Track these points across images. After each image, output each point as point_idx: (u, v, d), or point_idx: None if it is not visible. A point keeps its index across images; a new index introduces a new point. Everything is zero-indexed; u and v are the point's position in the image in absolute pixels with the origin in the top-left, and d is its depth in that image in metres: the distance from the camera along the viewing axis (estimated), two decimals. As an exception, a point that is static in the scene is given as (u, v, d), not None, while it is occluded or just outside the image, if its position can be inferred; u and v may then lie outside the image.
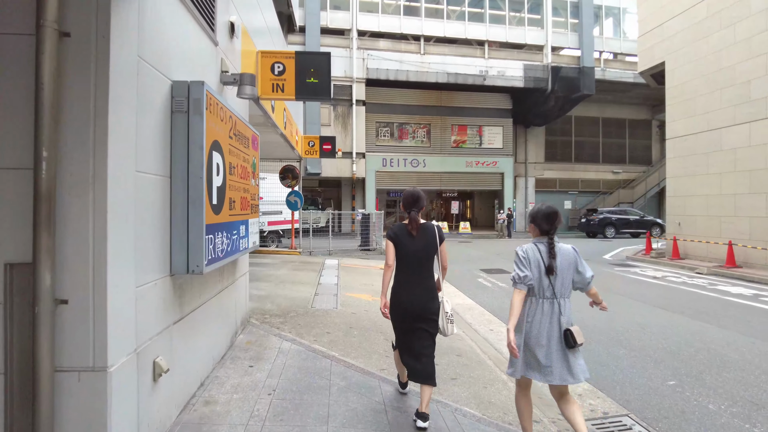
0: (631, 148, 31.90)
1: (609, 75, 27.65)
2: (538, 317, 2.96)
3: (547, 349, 2.92)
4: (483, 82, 25.90)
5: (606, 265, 14.25)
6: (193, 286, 3.64)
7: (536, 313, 2.97)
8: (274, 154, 13.36)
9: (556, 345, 2.92)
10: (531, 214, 3.17)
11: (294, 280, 9.13)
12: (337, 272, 10.59)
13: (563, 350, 2.92)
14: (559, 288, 2.97)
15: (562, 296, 2.97)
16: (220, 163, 3.67)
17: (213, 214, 3.47)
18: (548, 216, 3.05)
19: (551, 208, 3.09)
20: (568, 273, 3.00)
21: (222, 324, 4.59)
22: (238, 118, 4.27)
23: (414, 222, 3.53)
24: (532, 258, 3.00)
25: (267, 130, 9.12)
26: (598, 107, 30.89)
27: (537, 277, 2.97)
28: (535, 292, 2.99)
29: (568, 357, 2.92)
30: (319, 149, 13.74)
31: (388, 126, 26.97)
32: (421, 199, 3.58)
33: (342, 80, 24.70)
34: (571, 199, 30.95)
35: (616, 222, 25.84)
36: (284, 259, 12.49)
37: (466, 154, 27.74)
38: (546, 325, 2.93)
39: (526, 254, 3.02)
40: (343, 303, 7.34)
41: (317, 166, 24.10)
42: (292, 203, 13.92)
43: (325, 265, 11.80)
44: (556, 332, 2.92)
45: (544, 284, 2.96)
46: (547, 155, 30.51)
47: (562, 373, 2.93)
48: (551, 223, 3.05)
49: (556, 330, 2.92)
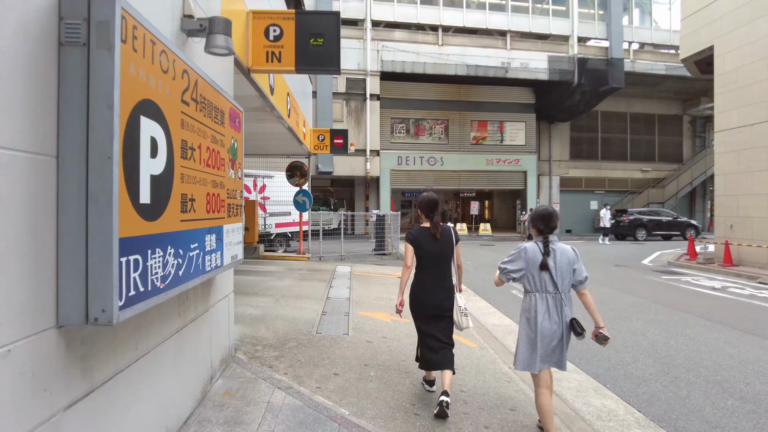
0: (661, 145, 30.09)
1: (639, 67, 25.93)
2: (543, 311, 3.17)
3: (550, 339, 3.16)
4: (505, 74, 24.37)
5: (649, 273, 12.69)
6: (116, 335, 2.28)
7: (540, 308, 3.18)
8: (280, 148, 12.06)
9: (561, 334, 3.16)
10: (530, 216, 3.41)
11: (298, 294, 7.77)
12: (349, 283, 9.23)
13: (564, 340, 3.18)
14: (561, 283, 3.18)
15: (563, 291, 3.19)
16: (161, 139, 2.31)
17: (142, 220, 2.11)
18: (543, 217, 3.24)
19: (547, 210, 3.30)
20: (568, 270, 3.18)
21: (185, 373, 3.24)
22: (201, 78, 2.91)
23: (438, 226, 3.73)
24: (530, 255, 3.20)
25: (266, 117, 7.80)
26: (626, 102, 29.17)
27: (535, 274, 3.20)
28: (536, 288, 3.21)
29: (563, 347, 3.20)
30: (330, 144, 12.40)
31: (403, 122, 25.56)
32: (439, 203, 3.80)
33: (355, 73, 23.35)
34: (598, 199, 29.23)
35: (647, 223, 24.18)
36: (290, 266, 11.15)
37: (486, 152, 26.22)
38: (554, 318, 3.15)
39: (524, 251, 3.23)
40: (356, 326, 5.96)
41: (329, 164, 22.79)
42: (300, 203, 12.60)
43: (336, 273, 10.44)
44: (562, 323, 3.16)
45: (545, 280, 3.18)
46: (572, 152, 28.84)
47: (557, 361, 3.21)
48: (546, 224, 3.23)
49: (562, 321, 3.16)
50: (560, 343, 3.19)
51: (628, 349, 5.77)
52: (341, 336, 5.48)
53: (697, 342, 6.06)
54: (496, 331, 6.34)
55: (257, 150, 12.45)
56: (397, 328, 5.95)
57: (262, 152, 12.93)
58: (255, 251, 12.18)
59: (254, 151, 12.75)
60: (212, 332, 3.87)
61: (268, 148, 11.93)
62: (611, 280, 11.05)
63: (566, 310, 3.20)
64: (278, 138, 10.14)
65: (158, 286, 2.27)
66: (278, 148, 11.89)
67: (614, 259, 15.54)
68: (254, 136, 9.89)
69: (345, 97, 23.35)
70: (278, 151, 12.51)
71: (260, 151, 12.64)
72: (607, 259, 15.45)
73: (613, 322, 6.98)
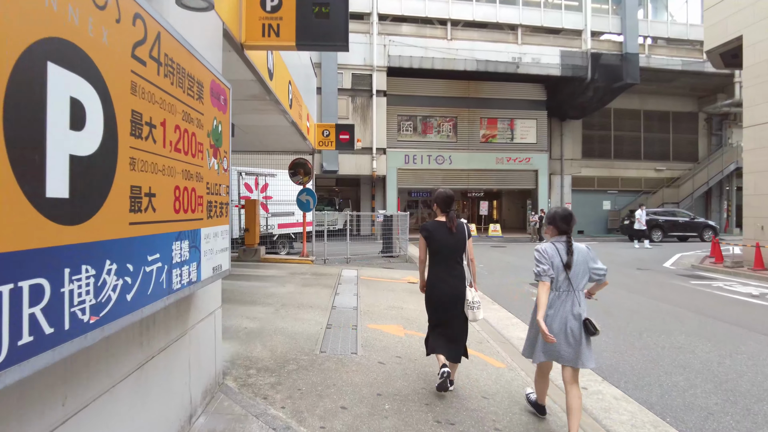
0: (676, 143, 29.19)
1: (654, 62, 25.06)
2: (557, 308, 3.24)
3: (565, 335, 3.20)
4: (516, 69, 23.57)
5: (674, 277, 11.88)
6: (22, 394, 1.54)
7: (555, 305, 3.25)
8: (282, 144, 11.34)
9: (575, 332, 3.19)
10: (549, 216, 3.42)
11: (300, 303, 7.03)
12: (356, 289, 8.49)
13: (581, 337, 3.19)
14: (575, 281, 3.25)
15: (577, 288, 3.26)
16: (92, 104, 1.57)
17: (51, 224, 1.38)
18: (565, 218, 3.33)
19: (567, 211, 3.40)
20: (582, 268, 3.27)
21: (151, 418, 2.50)
22: (166, 31, 2.17)
23: (453, 220, 3.93)
24: (551, 255, 3.25)
25: (266, 107, 7.08)
26: (640, 99, 28.29)
27: (557, 274, 3.25)
28: (554, 287, 3.26)
29: (582, 343, 3.20)
30: (336, 140, 11.66)
31: (410, 119, 24.81)
32: (454, 199, 4.08)
33: (361, 69, 22.62)
34: (611, 199, 28.39)
35: (663, 224, 23.30)
36: (293, 270, 10.42)
37: (496, 150, 25.42)
38: (566, 315, 3.21)
39: (545, 252, 3.27)
40: (366, 343, 5.21)
41: (334, 162, 22.06)
42: (303, 203, 11.87)
43: (342, 277, 9.70)
44: (575, 321, 3.20)
45: (561, 278, 3.24)
46: (585, 151, 27.99)
47: (575, 357, 3.20)
48: (568, 224, 3.33)
49: (575, 318, 3.20)
50: (576, 340, 3.21)
51: (680, 370, 5.00)
52: (348, 356, 4.73)
53: (759, 362, 5.27)
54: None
55: (257, 146, 11.73)
56: (412, 345, 5.21)
57: (262, 149, 12.21)
58: (255, 254, 11.47)
59: (254, 148, 12.03)
60: (192, 360, 3.13)
61: (269, 143, 11.21)
62: (639, 286, 10.25)
63: (581, 308, 3.25)
64: (280, 132, 9.42)
65: (85, 321, 1.53)
66: (280, 144, 11.17)
67: (634, 262, 14.73)
68: (253, 129, 9.17)
69: (351, 93, 22.62)
70: (280, 147, 11.79)
71: (261, 147, 11.92)
72: (626, 262, 14.64)
73: (656, 337, 6.21)
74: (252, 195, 14.31)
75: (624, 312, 7.66)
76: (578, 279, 3.26)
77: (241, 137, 10.00)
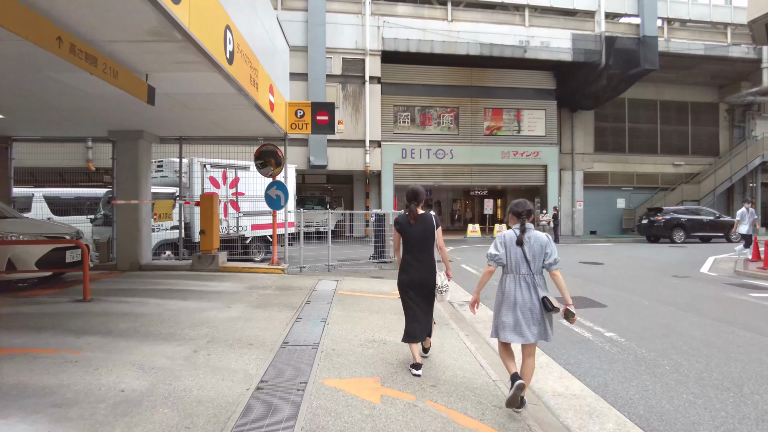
0: (695, 136, 27.07)
1: (674, 47, 22.95)
2: (518, 291, 3.47)
3: (525, 315, 3.44)
4: (523, 54, 21.47)
5: (724, 287, 9.74)
6: None
7: (516, 287, 3.48)
8: (241, 128, 9.24)
9: (536, 311, 3.44)
10: (509, 208, 3.70)
11: (238, 337, 4.93)
12: (328, 310, 6.40)
13: (541, 316, 3.44)
14: (533, 264, 3.48)
15: (536, 272, 3.49)
16: None
17: None
18: (519, 203, 3.62)
19: (520, 200, 3.68)
20: (540, 253, 3.48)
21: None
22: None
23: (413, 213, 4.19)
24: (507, 239, 3.54)
25: (187, 58, 4.97)
26: (656, 88, 26.20)
27: (511, 254, 3.51)
28: (512, 270, 3.52)
29: (544, 321, 3.45)
30: (312, 121, 9.55)
31: (408, 110, 22.69)
32: (420, 194, 4.28)
33: (353, 53, 20.52)
34: (625, 196, 26.27)
35: (686, 223, 21.17)
36: (255, 283, 8.32)
37: (501, 143, 23.31)
38: (527, 296, 3.46)
39: (503, 238, 3.56)
40: (314, 425, 3.10)
41: (322, 156, 19.94)
42: (273, 199, 9.79)
43: (314, 293, 7.61)
44: (536, 300, 3.44)
45: (519, 261, 3.48)
46: (597, 145, 25.87)
47: (537, 334, 3.45)
48: (524, 207, 3.59)
49: (536, 299, 3.44)
50: (538, 317, 3.44)
51: None
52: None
53: None
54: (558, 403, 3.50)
55: (213, 130, 9.62)
56: (390, 426, 3.09)
57: (224, 134, 10.09)
58: (213, 261, 9.38)
59: (210, 132, 9.92)
60: None
61: (227, 125, 9.11)
62: (689, 301, 8.13)
63: (539, 289, 3.46)
64: (228, 106, 7.32)
65: None
66: (239, 126, 9.08)
67: (665, 267, 12.62)
68: (186, 99, 7.04)
69: (341, 80, 20.51)
70: (242, 130, 9.68)
71: (220, 131, 9.81)
72: (655, 268, 12.53)
73: (743, 383, 4.09)
74: (219, 191, 12.24)
75: (693, 344, 5.54)
76: (535, 262, 3.48)
77: (183, 115, 7.90)
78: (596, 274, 11.29)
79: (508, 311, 3.48)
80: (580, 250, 17.45)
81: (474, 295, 3.73)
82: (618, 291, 8.96)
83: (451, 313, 6.92)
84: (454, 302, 7.95)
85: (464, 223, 30.27)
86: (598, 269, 12.17)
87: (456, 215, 32.29)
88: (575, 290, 9.02)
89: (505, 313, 3.50)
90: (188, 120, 8.64)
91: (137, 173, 9.42)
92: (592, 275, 11.00)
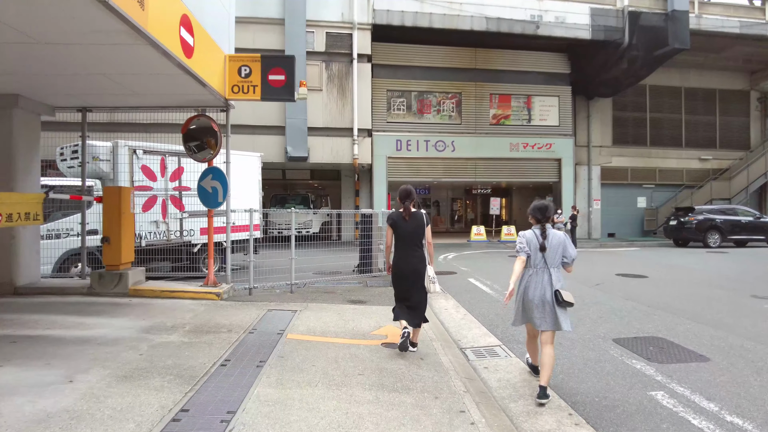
0: (723, 127, 24.32)
1: (705, 24, 20.15)
2: (535, 283, 3.85)
3: (541, 305, 3.81)
4: (535, 30, 18.67)
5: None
6: None
7: (533, 280, 3.87)
8: (159, 90, 6.41)
9: (549, 302, 3.78)
10: (530, 209, 4.08)
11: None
12: (252, 385, 3.60)
13: (554, 307, 3.76)
14: (551, 261, 3.85)
15: (551, 265, 3.84)
16: None
17: None
18: (540, 209, 3.99)
19: (543, 203, 4.06)
20: (558, 250, 3.86)
21: None
22: None
23: (407, 210, 4.61)
24: (530, 239, 3.93)
25: None
26: (680, 74, 23.46)
27: (534, 253, 3.89)
28: (532, 264, 3.90)
29: (557, 312, 3.75)
30: (262, 82, 6.73)
31: (403, 95, 19.85)
32: (413, 194, 4.66)
33: (339, 26, 17.69)
34: (646, 194, 23.50)
35: (721, 225, 18.44)
36: (162, 319, 5.49)
37: (510, 134, 20.50)
38: (540, 288, 3.82)
39: (525, 236, 3.96)
40: None
41: (301, 147, 17.07)
42: (208, 194, 7.01)
43: (249, 337, 4.85)
44: (549, 293, 3.79)
45: (538, 258, 3.87)
46: (616, 137, 23.08)
47: (551, 322, 3.78)
48: (543, 214, 3.97)
49: (549, 291, 3.79)
50: (551, 308, 3.78)
51: None
52: None
53: None
54: None
55: (127, 97, 6.79)
56: None
57: (140, 104, 7.25)
58: (119, 282, 6.55)
59: (122, 101, 7.09)
60: None
61: (137, 89, 6.29)
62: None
63: (554, 282, 3.81)
64: (114, 52, 4.51)
65: None
66: (157, 89, 6.26)
67: (729, 282, 9.86)
68: (40, 36, 4.22)
69: (324, 57, 17.65)
70: (164, 98, 6.83)
71: (136, 100, 6.98)
72: (718, 283, 9.75)
73: None
74: (155, 184, 9.43)
75: None
76: (552, 258, 3.85)
77: (66, 69, 5.09)
78: (648, 293, 8.48)
79: (526, 301, 3.90)
80: (605, 258, 14.67)
81: (511, 287, 3.85)
82: (705, 327, 6.14)
83: (466, 376, 4.13)
84: (468, 348, 5.17)
85: (465, 225, 27.49)
86: (645, 286, 9.37)
87: (456, 216, 29.46)
88: (642, 325, 6.19)
89: (522, 302, 3.96)
90: (85, 82, 5.86)
91: (11, 156, 6.60)
92: (645, 296, 8.19)
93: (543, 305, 3.78)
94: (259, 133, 16.79)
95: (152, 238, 9.46)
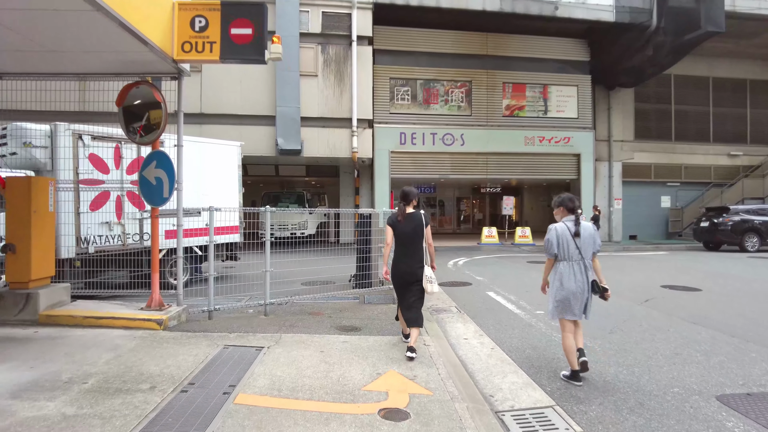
0: (755, 120, 22.49)
1: (741, 5, 18.32)
2: (570, 274, 4.07)
3: (581, 296, 4.07)
4: (554, 12, 16.90)
5: None
6: None
7: (571, 272, 4.08)
8: (84, 45, 4.71)
9: (586, 292, 4.08)
10: (557, 201, 4.27)
11: None
12: None
13: (589, 294, 4.10)
14: (584, 250, 4.08)
15: (586, 257, 4.09)
16: None
17: None
18: (572, 198, 4.23)
19: (571, 195, 4.28)
20: (589, 240, 4.10)
21: None
22: None
23: (401, 211, 4.63)
24: (560, 232, 4.12)
25: None
26: (707, 63, 21.63)
27: (566, 245, 4.09)
28: (567, 257, 4.09)
29: (590, 299, 4.12)
30: (221, 38, 5.04)
31: (408, 84, 18.10)
32: (410, 195, 4.69)
33: (336, 5, 15.94)
34: (671, 193, 21.69)
35: (761, 227, 16.65)
36: (63, 367, 3.80)
37: (524, 127, 18.72)
38: (579, 279, 4.05)
39: (555, 230, 4.15)
40: None
41: (293, 140, 15.33)
42: (152, 186, 5.30)
43: (179, 404, 3.09)
44: (586, 283, 4.07)
45: (572, 249, 4.07)
46: (638, 131, 21.27)
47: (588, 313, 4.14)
48: (574, 203, 4.21)
49: (586, 281, 4.07)
50: (585, 298, 4.09)
51: None
52: None
53: None
54: None
55: (48, 60, 5.09)
56: None
57: (66, 70, 5.54)
58: (26, 304, 4.85)
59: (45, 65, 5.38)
60: None
61: (57, 47, 4.61)
62: None
63: (589, 273, 4.10)
64: None
65: None
66: (79, 42, 4.57)
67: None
68: None
69: (320, 40, 15.90)
70: (94, 63, 5.12)
71: (59, 65, 5.27)
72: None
73: None
74: (108, 177, 7.75)
75: None
76: (586, 248, 4.08)
77: None
78: (716, 314, 6.70)
79: (564, 293, 4.10)
80: (637, 264, 12.91)
81: (543, 282, 4.36)
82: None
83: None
84: (507, 412, 3.46)
85: (473, 226, 25.70)
86: (705, 303, 7.59)
87: (462, 216, 27.65)
88: (743, 369, 4.36)
89: (561, 295, 4.12)
90: None
91: None
92: (716, 319, 6.41)
93: (581, 296, 4.08)
94: (246, 123, 15.08)
95: (103, 243, 7.78)
